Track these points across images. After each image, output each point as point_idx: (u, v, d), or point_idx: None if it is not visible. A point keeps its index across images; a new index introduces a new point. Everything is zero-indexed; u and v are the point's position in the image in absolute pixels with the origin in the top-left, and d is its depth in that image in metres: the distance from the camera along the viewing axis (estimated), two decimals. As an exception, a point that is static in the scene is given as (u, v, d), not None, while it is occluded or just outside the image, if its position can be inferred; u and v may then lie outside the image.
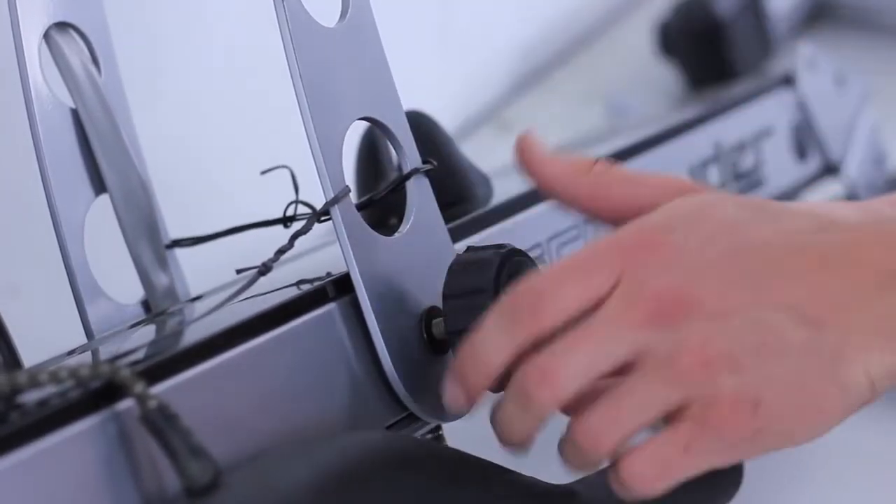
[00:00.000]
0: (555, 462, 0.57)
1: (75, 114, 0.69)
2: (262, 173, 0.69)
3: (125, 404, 0.52)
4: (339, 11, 0.63)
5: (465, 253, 0.61)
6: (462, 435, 0.60)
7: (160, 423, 0.51)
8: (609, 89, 1.27)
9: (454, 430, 0.62)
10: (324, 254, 0.75)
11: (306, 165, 0.62)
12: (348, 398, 0.60)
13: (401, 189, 0.65)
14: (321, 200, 0.61)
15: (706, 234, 0.57)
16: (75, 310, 0.68)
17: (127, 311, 0.69)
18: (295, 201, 0.67)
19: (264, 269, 0.63)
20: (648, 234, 0.57)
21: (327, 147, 0.61)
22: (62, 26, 0.69)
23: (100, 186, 0.69)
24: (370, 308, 0.61)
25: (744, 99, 0.94)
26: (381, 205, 0.65)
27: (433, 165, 0.65)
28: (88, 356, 0.64)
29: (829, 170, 0.98)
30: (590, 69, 1.33)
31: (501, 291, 0.59)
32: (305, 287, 0.62)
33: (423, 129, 0.71)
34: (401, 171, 0.65)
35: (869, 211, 0.59)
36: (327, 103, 0.61)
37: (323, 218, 0.63)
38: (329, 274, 0.62)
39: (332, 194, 0.61)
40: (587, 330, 0.55)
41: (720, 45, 1.21)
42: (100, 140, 0.69)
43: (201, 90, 1.02)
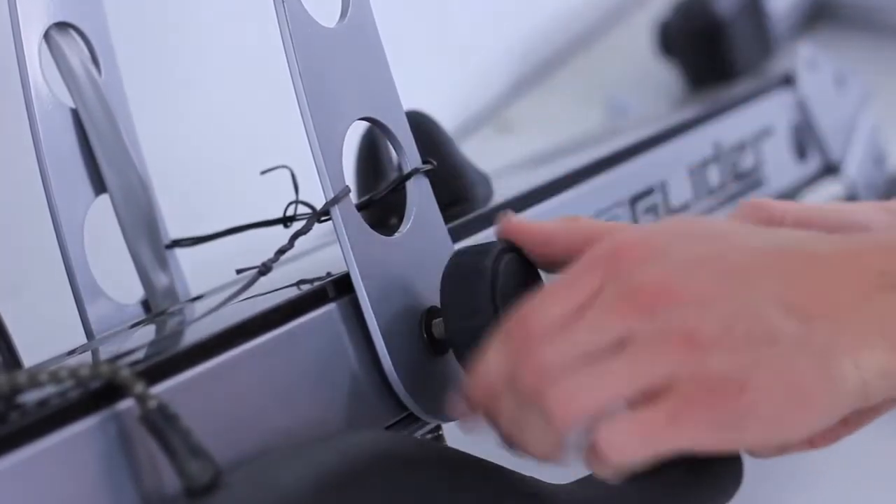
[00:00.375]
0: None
1: (75, 114, 0.69)
2: (262, 173, 0.69)
3: (125, 404, 0.52)
4: (339, 11, 0.63)
5: (456, 256, 0.61)
6: (462, 435, 0.60)
7: (160, 423, 0.51)
8: (609, 89, 1.27)
9: (454, 430, 0.62)
10: (324, 254, 0.75)
11: (306, 165, 0.62)
12: (348, 398, 0.60)
13: (401, 189, 0.65)
14: (321, 200, 0.61)
15: (692, 237, 0.56)
16: (75, 310, 0.68)
17: (127, 311, 0.70)
18: (295, 201, 0.67)
19: (264, 269, 0.63)
20: (627, 241, 0.56)
21: (327, 147, 0.61)
22: (62, 26, 0.69)
23: (100, 186, 0.70)
24: (370, 308, 0.61)
25: (744, 99, 0.94)
26: (381, 205, 0.65)
27: (433, 165, 0.65)
28: (88, 356, 0.64)
29: (829, 170, 0.98)
30: (590, 69, 1.33)
31: (498, 292, 0.59)
32: (305, 287, 0.62)
33: (423, 129, 0.72)
34: (401, 171, 0.65)
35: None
36: (327, 103, 0.61)
37: (323, 218, 0.63)
38: (329, 274, 0.62)
39: (332, 194, 0.61)
40: (576, 322, 0.55)
41: (720, 45, 1.21)
42: (100, 140, 0.69)
43: (202, 90, 1.02)
